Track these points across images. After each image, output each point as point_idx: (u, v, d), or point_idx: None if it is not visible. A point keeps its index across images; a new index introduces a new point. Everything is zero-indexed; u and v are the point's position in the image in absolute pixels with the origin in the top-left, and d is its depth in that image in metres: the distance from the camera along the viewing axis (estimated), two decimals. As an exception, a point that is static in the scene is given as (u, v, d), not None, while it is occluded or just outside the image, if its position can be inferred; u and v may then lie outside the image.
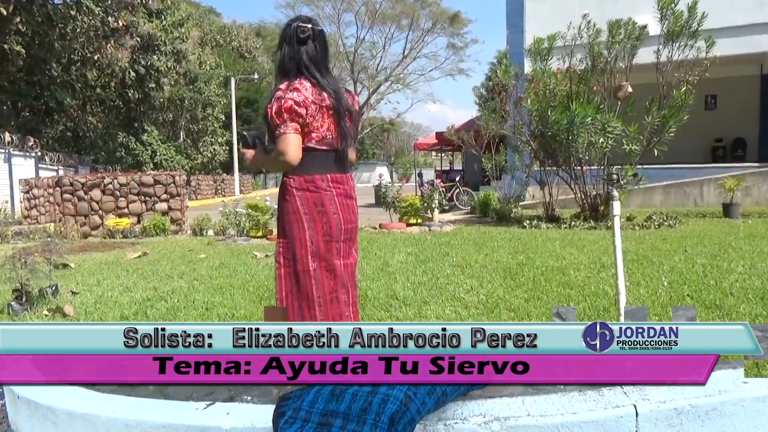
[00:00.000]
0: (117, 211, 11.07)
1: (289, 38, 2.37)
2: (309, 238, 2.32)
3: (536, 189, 11.15)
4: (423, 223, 9.70)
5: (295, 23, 2.40)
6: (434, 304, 4.03)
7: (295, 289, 2.36)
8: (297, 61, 2.34)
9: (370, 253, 6.61)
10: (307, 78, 2.33)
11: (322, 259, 2.34)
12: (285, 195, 2.38)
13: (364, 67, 58.11)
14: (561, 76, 9.40)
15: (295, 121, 2.26)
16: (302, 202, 2.33)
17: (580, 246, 6.69)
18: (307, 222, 2.32)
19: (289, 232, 2.36)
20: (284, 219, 2.39)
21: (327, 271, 2.35)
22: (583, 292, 4.24)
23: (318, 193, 2.33)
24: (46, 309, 4.22)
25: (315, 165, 2.34)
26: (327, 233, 2.34)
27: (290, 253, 2.36)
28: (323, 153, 2.36)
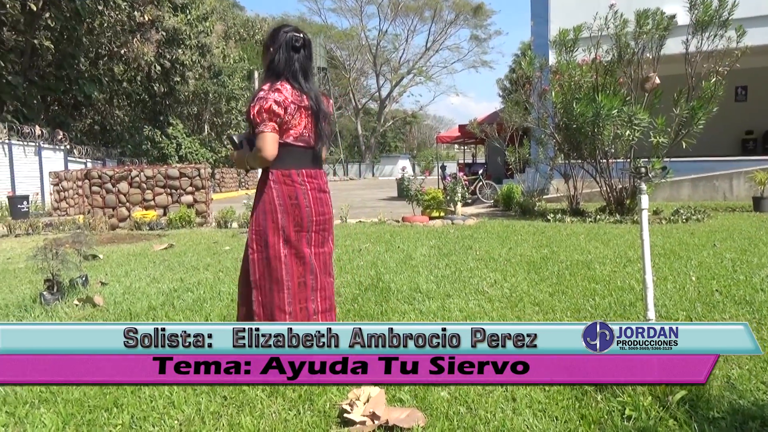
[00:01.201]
0: (143, 203, 11.25)
1: (284, 45, 2.54)
2: (281, 228, 2.51)
3: (560, 182, 11.03)
4: (446, 216, 9.67)
5: (290, 32, 2.58)
6: (458, 298, 4.02)
7: (266, 272, 2.53)
8: (290, 67, 2.54)
9: (393, 246, 6.63)
10: (289, 81, 2.53)
11: (292, 247, 2.53)
12: (264, 187, 2.55)
13: (386, 59, 58.00)
14: (587, 67, 9.27)
15: (273, 120, 2.45)
16: (278, 194, 2.52)
17: (605, 240, 6.62)
18: (281, 213, 2.51)
19: (263, 221, 2.53)
20: (260, 208, 2.55)
21: (297, 258, 2.54)
22: (609, 286, 4.20)
23: (293, 187, 2.53)
24: (76, 299, 4.32)
25: (292, 161, 2.54)
26: (298, 224, 2.54)
27: (263, 240, 2.53)
28: (300, 150, 2.56)
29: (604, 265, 5.03)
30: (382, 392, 2.25)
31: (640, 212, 2.41)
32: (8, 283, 5.29)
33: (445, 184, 10.57)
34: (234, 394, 2.45)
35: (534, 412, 2.21)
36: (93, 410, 2.34)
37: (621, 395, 2.24)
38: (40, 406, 2.39)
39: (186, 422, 2.22)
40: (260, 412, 2.28)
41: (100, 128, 27.70)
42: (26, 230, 10.13)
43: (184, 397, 2.43)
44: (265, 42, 2.63)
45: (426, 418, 2.17)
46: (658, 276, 4.47)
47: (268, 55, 2.58)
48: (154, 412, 2.32)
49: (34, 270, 4.97)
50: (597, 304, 3.70)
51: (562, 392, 2.34)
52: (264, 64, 2.65)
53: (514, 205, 11.06)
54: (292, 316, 2.53)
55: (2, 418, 2.30)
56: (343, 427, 2.13)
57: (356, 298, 4.10)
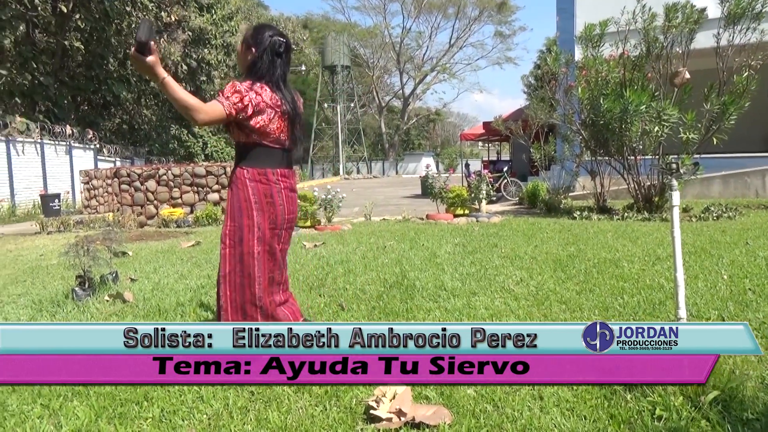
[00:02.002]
0: (171, 201, 11.42)
1: (269, 49, 2.59)
2: (257, 225, 2.58)
3: (586, 179, 10.89)
4: (470, 213, 9.63)
5: (274, 36, 2.62)
6: (483, 296, 4.00)
7: (238, 267, 2.58)
8: (273, 72, 2.60)
9: (417, 244, 6.62)
10: (269, 84, 2.58)
11: (266, 244, 2.61)
12: (238, 184, 2.59)
13: (410, 57, 57.90)
14: (614, 62, 9.12)
15: (236, 107, 2.45)
16: (254, 192, 2.57)
17: (633, 238, 6.51)
18: (256, 210, 2.58)
19: (238, 218, 2.58)
20: (235, 205, 2.59)
21: (269, 255, 2.63)
22: (638, 284, 4.13)
23: (268, 185, 2.60)
24: (107, 295, 4.40)
25: (267, 160, 2.61)
26: (273, 221, 2.62)
27: (237, 236, 2.58)
28: (275, 150, 2.63)
29: (632, 263, 4.95)
30: (408, 389, 2.25)
31: (671, 209, 2.36)
32: (41, 279, 5.41)
33: (470, 182, 10.52)
34: (261, 389, 2.48)
35: (562, 410, 2.19)
36: (124, 403, 2.39)
37: (651, 395, 2.20)
38: (74, 399, 2.45)
39: (214, 417, 2.25)
40: (287, 408, 2.30)
41: (128, 127, 28.20)
42: (58, 228, 10.36)
43: (212, 392, 2.46)
44: (247, 41, 2.64)
45: (452, 415, 2.17)
46: (689, 274, 4.39)
47: (250, 56, 2.61)
48: (184, 406, 2.35)
49: (66, 266, 5.08)
50: (625, 302, 3.65)
51: (590, 391, 2.32)
52: (243, 61, 2.67)
53: (539, 202, 10.96)
54: (263, 309, 2.62)
55: (38, 410, 2.36)
56: (369, 423, 2.13)
57: (381, 296, 4.11)
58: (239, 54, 2.71)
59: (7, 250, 7.91)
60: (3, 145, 15.89)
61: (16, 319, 3.89)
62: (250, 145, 2.59)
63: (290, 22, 52.78)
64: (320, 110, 50.24)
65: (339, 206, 9.22)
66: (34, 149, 17.33)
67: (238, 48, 2.70)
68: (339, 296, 4.17)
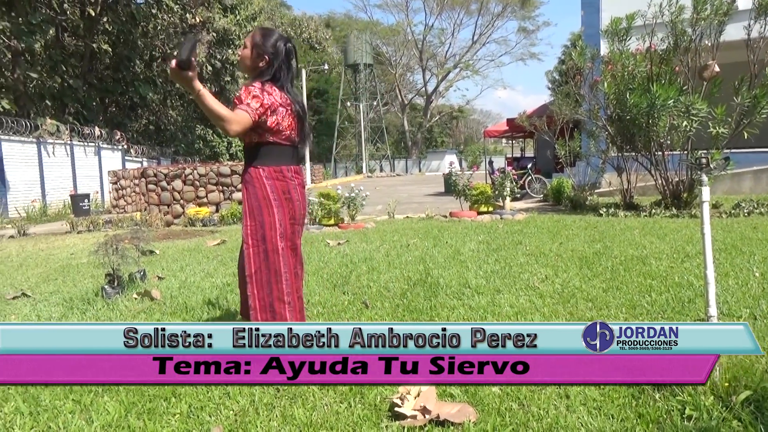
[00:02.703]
0: (197, 200, 11.58)
1: (285, 57, 2.70)
2: (278, 221, 2.63)
3: (613, 176, 10.73)
4: (494, 211, 9.57)
5: (287, 44, 2.73)
6: (508, 293, 3.97)
7: (264, 265, 2.63)
8: (287, 77, 2.71)
9: (441, 242, 6.60)
10: (281, 86, 2.68)
11: (288, 240, 2.67)
12: (255, 182, 2.64)
13: (432, 54, 57.72)
14: (640, 56, 8.97)
15: (257, 112, 2.53)
16: (272, 190, 2.63)
17: (661, 235, 6.40)
18: (276, 207, 2.63)
19: (258, 216, 2.62)
20: (254, 204, 2.63)
21: (291, 250, 2.69)
22: (666, 282, 4.06)
23: (285, 182, 2.67)
24: (135, 293, 4.48)
25: (281, 158, 2.68)
26: (292, 217, 2.69)
27: (259, 234, 2.62)
28: (288, 148, 2.72)
29: (660, 261, 4.87)
30: (432, 387, 2.25)
31: (701, 205, 2.32)
32: (72, 278, 5.53)
33: (493, 179, 10.45)
34: (286, 386, 2.49)
35: (588, 409, 2.16)
36: (153, 399, 2.43)
37: (681, 394, 2.16)
38: (104, 395, 2.50)
39: (241, 413, 2.27)
40: (312, 405, 2.31)
41: (154, 128, 28.65)
42: (87, 227, 10.58)
43: (239, 388, 2.49)
44: (258, 47, 2.67)
45: (477, 413, 2.16)
46: (719, 272, 4.30)
47: (262, 62, 2.67)
48: (211, 402, 2.38)
49: (96, 265, 5.19)
50: (653, 300, 3.59)
51: (618, 390, 2.28)
52: (250, 64, 2.70)
53: (564, 199, 10.84)
54: (291, 305, 2.66)
55: (69, 405, 2.41)
56: (393, 420, 2.13)
57: (405, 293, 4.11)
58: (245, 56, 2.71)
59: (40, 249, 8.10)
60: (34, 146, 16.27)
61: (49, 317, 3.99)
62: (264, 144, 2.64)
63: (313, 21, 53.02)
64: (343, 109, 50.38)
65: (362, 204, 9.24)
66: (64, 150, 17.71)
67: (245, 51, 2.71)
68: (363, 294, 4.18)
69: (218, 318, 3.72)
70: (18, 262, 6.91)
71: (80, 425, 2.23)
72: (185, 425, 2.20)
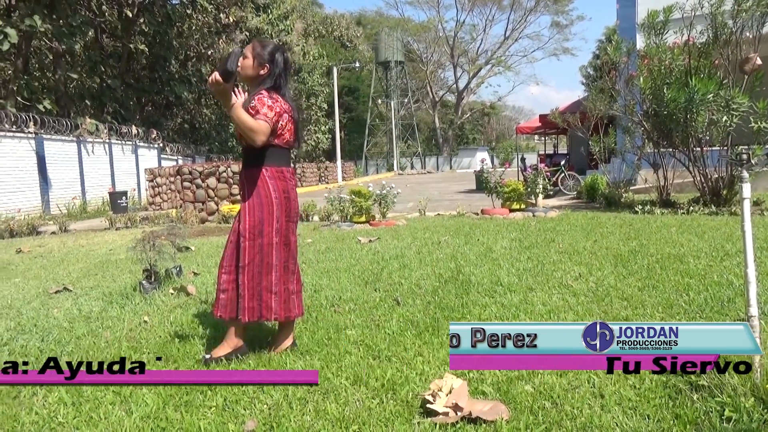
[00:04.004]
0: (231, 197, 11.75)
1: (285, 67, 2.89)
2: (276, 218, 2.81)
3: (648, 172, 10.50)
4: (526, 208, 9.46)
5: (286, 54, 2.95)
6: (540, 291, 3.94)
7: (257, 258, 2.79)
8: (284, 82, 2.89)
9: (472, 239, 6.57)
10: (282, 93, 2.86)
11: (282, 236, 2.85)
12: (258, 182, 2.81)
13: (464, 50, 57.35)
14: (678, 50, 8.74)
15: (272, 121, 2.72)
16: (274, 189, 2.81)
17: (699, 232, 6.25)
18: (276, 205, 2.81)
19: (258, 213, 2.79)
20: (255, 201, 2.80)
21: (284, 245, 2.87)
22: (705, 281, 3.97)
23: (285, 182, 2.86)
24: (171, 288, 4.58)
25: (281, 160, 2.89)
26: (288, 215, 2.88)
27: (257, 229, 2.79)
28: (287, 151, 2.94)
29: (698, 259, 4.75)
30: (464, 383, 2.25)
31: (741, 201, 2.26)
32: (111, 273, 5.68)
33: (526, 176, 10.34)
34: (319, 381, 2.52)
35: (624, 409, 2.13)
36: (189, 392, 2.48)
37: (719, 395, 2.11)
38: (143, 387, 2.56)
39: (275, 407, 2.31)
40: (344, 400, 2.33)
41: (189, 127, 29.18)
42: (125, 224, 10.84)
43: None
44: (260, 57, 2.83)
45: (509, 411, 2.15)
46: (761, 271, 4.17)
47: (263, 70, 2.83)
48: (245, 396, 2.43)
49: (134, 261, 5.31)
50: (691, 299, 3.51)
51: (654, 390, 2.25)
52: (251, 74, 2.84)
53: (598, 196, 10.66)
54: (277, 296, 2.82)
55: (110, 396, 2.49)
56: (425, 417, 2.14)
57: (436, 291, 4.10)
58: (247, 66, 2.83)
59: (80, 245, 8.34)
60: (75, 145, 16.74)
61: (89, 310, 4.10)
62: (266, 146, 2.78)
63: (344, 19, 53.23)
64: (374, 106, 50.46)
65: (393, 202, 9.25)
66: (102, 149, 18.17)
67: (246, 61, 2.83)
68: (394, 291, 4.19)
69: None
70: (60, 257, 7.12)
71: (120, 416, 2.30)
72: (221, 418, 2.24)
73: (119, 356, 2.99)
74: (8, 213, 12.96)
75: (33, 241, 9.30)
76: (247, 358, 2.87)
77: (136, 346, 3.17)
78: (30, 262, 6.86)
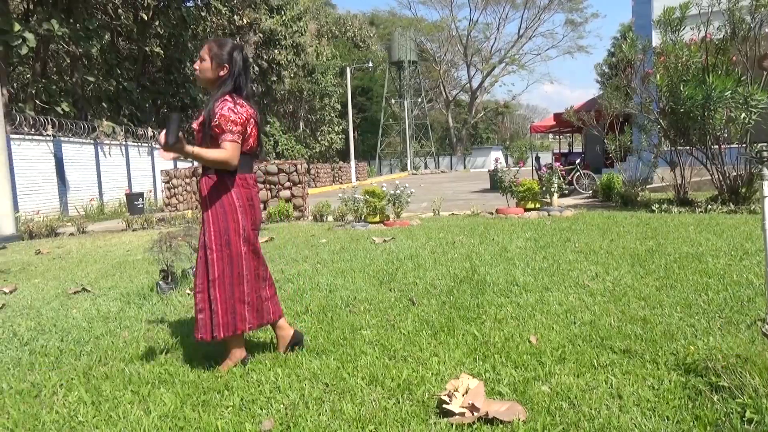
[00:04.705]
0: (245, 198, 11.81)
1: (242, 65, 2.76)
2: (242, 227, 2.72)
3: (665, 170, 10.40)
4: (541, 207, 9.41)
5: (243, 52, 2.81)
6: (557, 291, 3.91)
7: (227, 270, 2.70)
8: (246, 86, 2.79)
9: (487, 239, 6.54)
10: (245, 96, 2.77)
11: (250, 244, 2.76)
12: (221, 189, 2.70)
13: (477, 49, 57.21)
14: (695, 47, 8.65)
15: (240, 133, 2.65)
16: (238, 197, 2.71)
17: (718, 231, 6.17)
18: (241, 213, 2.71)
19: (223, 222, 2.69)
20: (218, 210, 2.70)
21: (253, 254, 2.79)
22: (724, 281, 3.92)
23: (249, 189, 2.78)
24: (188, 288, 4.62)
25: (245, 166, 2.78)
26: (254, 222, 2.79)
27: (224, 240, 2.69)
28: (250, 157, 2.82)
29: (717, 258, 4.69)
30: (481, 384, 2.24)
31: (762, 200, 2.23)
32: (128, 274, 5.74)
33: (540, 175, 10.29)
34: (335, 381, 2.53)
35: (642, 410, 2.11)
36: (207, 392, 2.50)
37: (740, 396, 2.09)
38: (160, 386, 2.59)
39: (291, 406, 2.32)
40: (360, 400, 2.33)
41: (204, 128, 29.36)
42: (142, 225, 10.95)
43: (288, 383, 2.54)
44: (218, 58, 2.72)
45: (526, 412, 2.13)
46: (781, 270, 4.12)
47: (222, 71, 2.72)
48: (262, 396, 2.44)
49: (150, 261, 5.37)
50: (710, 299, 3.47)
51: (673, 391, 2.22)
52: (211, 76, 2.73)
53: (614, 195, 10.57)
54: (250, 305, 2.76)
55: (129, 396, 2.51)
56: (442, 417, 2.13)
57: (451, 291, 4.09)
58: (206, 69, 2.73)
59: (98, 246, 8.44)
60: (92, 147, 16.94)
61: (107, 311, 4.15)
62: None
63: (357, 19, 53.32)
64: (387, 106, 50.48)
65: (407, 202, 9.25)
66: (119, 151, 18.37)
67: (204, 64, 2.74)
68: (409, 291, 4.19)
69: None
70: (78, 258, 7.21)
71: (139, 415, 2.32)
72: (237, 417, 2.25)
73: (138, 356, 3.03)
74: (27, 215, 13.15)
75: (52, 242, 9.43)
76: (264, 357, 2.89)
77: (153, 346, 3.20)
78: (49, 262, 6.95)
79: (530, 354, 2.72)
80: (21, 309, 4.41)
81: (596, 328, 3.05)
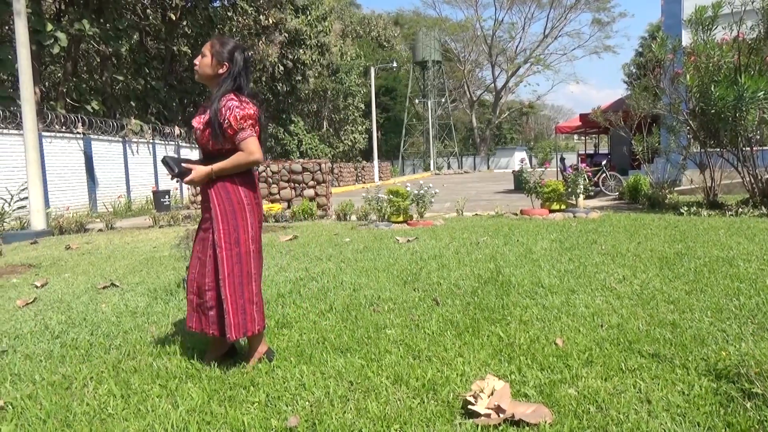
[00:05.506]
0: (270, 197, 11.90)
1: (244, 65, 2.77)
2: (250, 225, 2.74)
3: (694, 173, 10.21)
4: (567, 209, 9.31)
5: (245, 52, 2.83)
6: (583, 294, 3.87)
7: (237, 268, 2.70)
8: (248, 85, 2.81)
9: (511, 240, 6.49)
10: (249, 95, 2.78)
11: (257, 242, 2.79)
12: (228, 188, 2.72)
13: (502, 49, 56.80)
14: (727, 46, 8.47)
15: (254, 126, 2.69)
16: (246, 195, 2.74)
17: (749, 235, 6.04)
18: (249, 212, 2.74)
19: (232, 220, 2.70)
20: (227, 208, 2.71)
21: (258, 253, 2.81)
22: (756, 285, 3.83)
23: (254, 188, 2.82)
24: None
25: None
26: (260, 220, 2.84)
27: (233, 237, 2.70)
28: None
29: (749, 263, 4.59)
30: (506, 386, 2.23)
31: (799, 203, 2.17)
32: (155, 270, 5.82)
33: (565, 176, 10.17)
34: (360, 380, 2.54)
35: (672, 416, 2.07)
36: (233, 387, 2.53)
37: (774, 404, 2.04)
38: (188, 381, 2.62)
39: (316, 404, 2.33)
40: (385, 399, 2.33)
41: (229, 127, 29.68)
42: (168, 222, 11.10)
43: (313, 380, 2.55)
44: (219, 55, 2.73)
45: (553, 414, 2.11)
46: (816, 275, 4.01)
47: (221, 69, 2.73)
48: (287, 392, 2.45)
49: (177, 258, 5.44)
50: (742, 304, 3.40)
51: (704, 397, 2.18)
52: (211, 73, 2.75)
53: (641, 197, 10.41)
54: (257, 306, 2.76)
55: (157, 389, 2.55)
56: (467, 418, 2.12)
57: (476, 291, 4.07)
58: (206, 65, 2.75)
59: (125, 242, 8.57)
60: (120, 145, 17.22)
61: (135, 306, 4.22)
62: (232, 151, 2.70)
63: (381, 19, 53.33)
64: (411, 106, 50.42)
65: (431, 201, 9.22)
66: (146, 149, 18.64)
67: (204, 60, 2.75)
68: (433, 291, 4.18)
69: (290, 311, 3.82)
70: (106, 254, 7.34)
71: (167, 408, 2.35)
72: (263, 413, 2.27)
73: (165, 351, 3.07)
74: (58, 210, 13.42)
75: (81, 237, 9.61)
76: (289, 354, 2.91)
77: (181, 341, 3.24)
78: (78, 258, 7.09)
79: (556, 356, 2.69)
80: (52, 303, 4.50)
81: (624, 331, 3.01)
